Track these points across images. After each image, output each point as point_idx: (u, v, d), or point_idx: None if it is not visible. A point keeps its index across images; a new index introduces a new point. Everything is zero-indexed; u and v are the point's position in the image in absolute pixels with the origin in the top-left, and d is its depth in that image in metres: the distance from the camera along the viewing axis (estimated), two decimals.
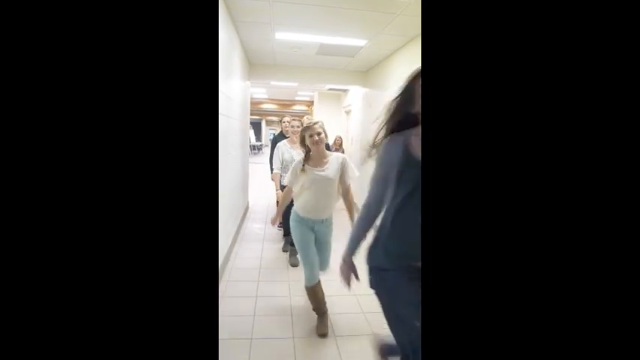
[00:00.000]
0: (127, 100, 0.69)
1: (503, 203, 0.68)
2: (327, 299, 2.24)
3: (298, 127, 3.27)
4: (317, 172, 2.10)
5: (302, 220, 2.20)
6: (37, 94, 0.65)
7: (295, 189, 2.22)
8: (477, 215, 0.69)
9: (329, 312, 2.27)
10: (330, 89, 7.29)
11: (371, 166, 1.29)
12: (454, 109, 0.70)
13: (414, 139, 1.13)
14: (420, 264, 0.79)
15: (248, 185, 5.39)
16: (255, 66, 5.06)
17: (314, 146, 2.08)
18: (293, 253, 3.21)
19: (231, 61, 3.25)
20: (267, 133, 20.99)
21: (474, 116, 0.69)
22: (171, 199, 0.71)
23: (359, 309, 2.45)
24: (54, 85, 0.66)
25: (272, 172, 3.28)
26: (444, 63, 0.71)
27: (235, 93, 3.55)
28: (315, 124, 2.12)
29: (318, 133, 2.08)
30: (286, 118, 3.65)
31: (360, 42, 3.70)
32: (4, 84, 0.63)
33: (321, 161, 2.13)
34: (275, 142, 3.52)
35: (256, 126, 19.18)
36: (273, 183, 3.28)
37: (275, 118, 18.98)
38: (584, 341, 0.63)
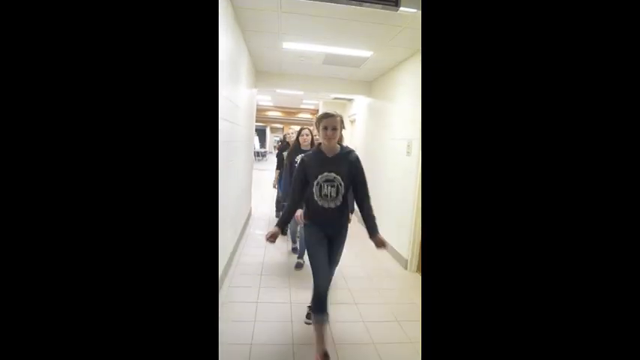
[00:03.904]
0: (128, 106, 0.71)
1: (502, 204, 0.70)
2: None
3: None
4: None
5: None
6: (37, 101, 0.67)
7: None
8: (476, 215, 0.71)
9: (329, 319, 2.27)
10: (336, 98, 7.34)
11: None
12: (452, 113, 0.73)
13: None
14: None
15: (251, 191, 5.41)
16: (261, 74, 5.13)
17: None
18: None
19: (239, 68, 3.31)
20: (272, 139, 21.10)
21: (471, 120, 0.71)
22: (172, 204, 0.73)
23: (359, 317, 2.45)
24: (54, 90, 0.68)
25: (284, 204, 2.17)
26: (443, 69, 0.74)
27: (241, 100, 3.59)
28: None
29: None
30: (306, 131, 3.15)
31: (366, 53, 3.75)
32: (4, 84, 0.65)
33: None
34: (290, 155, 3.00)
35: (261, 133, 19.27)
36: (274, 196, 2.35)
37: (280, 125, 19.08)
38: (583, 340, 0.65)
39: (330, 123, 1.86)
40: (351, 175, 1.91)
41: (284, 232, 3.46)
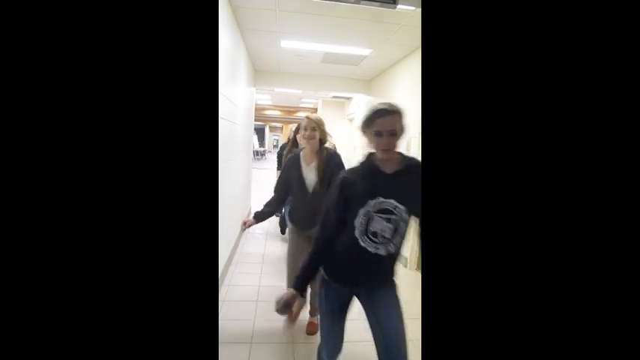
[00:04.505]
0: (128, 105, 0.70)
1: (503, 202, 0.70)
2: None
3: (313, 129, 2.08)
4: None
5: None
6: (37, 104, 0.66)
7: None
8: (476, 213, 0.71)
9: None
10: (334, 97, 7.34)
11: None
12: (453, 111, 0.73)
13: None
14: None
15: (251, 190, 5.41)
16: (260, 73, 5.12)
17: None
18: None
19: (237, 67, 3.30)
20: (271, 139, 21.12)
21: (472, 118, 0.71)
22: (172, 204, 0.73)
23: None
24: (54, 91, 0.67)
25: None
26: (444, 67, 0.74)
27: (240, 99, 3.59)
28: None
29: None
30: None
31: (365, 51, 3.75)
32: (5, 84, 0.65)
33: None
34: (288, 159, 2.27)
35: (260, 132, 19.28)
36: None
37: (279, 124, 19.08)
38: (583, 340, 0.65)
39: (387, 125, 1.13)
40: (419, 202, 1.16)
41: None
